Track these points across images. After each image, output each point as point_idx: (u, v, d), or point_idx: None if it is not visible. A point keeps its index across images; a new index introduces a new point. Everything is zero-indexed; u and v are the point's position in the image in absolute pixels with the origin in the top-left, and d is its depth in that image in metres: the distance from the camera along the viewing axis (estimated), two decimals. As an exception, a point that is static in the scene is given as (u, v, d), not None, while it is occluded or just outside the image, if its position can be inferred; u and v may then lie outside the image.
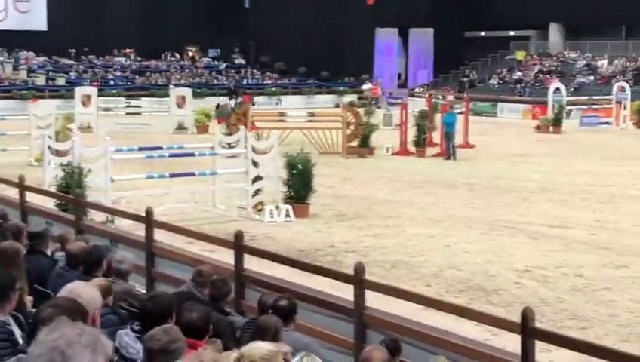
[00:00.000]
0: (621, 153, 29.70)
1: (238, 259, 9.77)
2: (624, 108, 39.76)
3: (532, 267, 13.65)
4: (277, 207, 17.34)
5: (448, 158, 27.62)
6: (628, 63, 48.75)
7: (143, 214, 11.23)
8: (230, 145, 19.78)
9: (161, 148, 20.18)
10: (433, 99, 37.03)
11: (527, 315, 7.02)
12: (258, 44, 57.91)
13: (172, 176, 18.35)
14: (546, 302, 11.75)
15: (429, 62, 57.87)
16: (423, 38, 57.32)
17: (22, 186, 14.22)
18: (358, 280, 8.38)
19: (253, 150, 17.95)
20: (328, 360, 6.35)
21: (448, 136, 28.13)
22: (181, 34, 54.96)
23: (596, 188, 21.86)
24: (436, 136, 29.97)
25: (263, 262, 10.20)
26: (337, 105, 43.81)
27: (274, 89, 52.81)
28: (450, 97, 42.27)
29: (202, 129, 34.96)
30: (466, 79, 54.63)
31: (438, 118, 30.27)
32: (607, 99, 41.25)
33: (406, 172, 24.75)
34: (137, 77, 53.17)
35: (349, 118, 29.11)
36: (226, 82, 53.30)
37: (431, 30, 56.54)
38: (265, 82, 54.91)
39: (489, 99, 48.66)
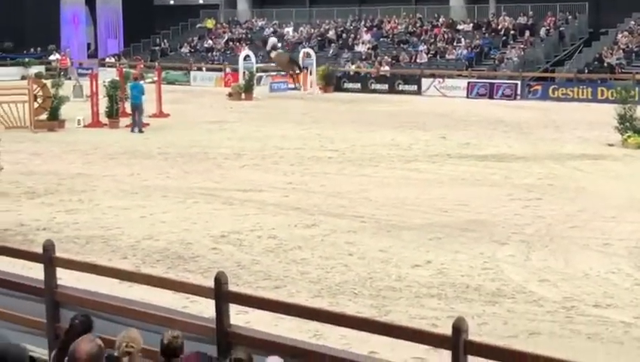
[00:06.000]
0: (309, 117, 30.98)
1: None
2: (310, 74, 41.43)
3: (228, 232, 13.91)
4: (-40, 188, 16.35)
5: (134, 131, 26.85)
6: (312, 30, 50.78)
7: None
8: None
9: None
10: (124, 69, 36.40)
11: (219, 280, 7.15)
12: None
13: None
14: (242, 265, 12.04)
15: (119, 32, 56.84)
16: (111, 6, 56.13)
17: None
18: (47, 258, 8.11)
19: None
20: (14, 342, 6.06)
21: (134, 107, 27.30)
22: None
23: (287, 151, 22.66)
24: (129, 107, 29.55)
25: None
26: (24, 77, 41.80)
27: (-49, 62, 49.44)
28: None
29: None
30: (157, 48, 54.29)
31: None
32: (295, 65, 42.73)
33: (99, 144, 24.21)
34: None
35: (35, 90, 27.90)
36: None
37: (119, -2, 55.60)
38: (-58, 55, 51.24)
39: (182, 68, 48.78)
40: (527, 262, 12.17)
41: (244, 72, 39.52)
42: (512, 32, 43.79)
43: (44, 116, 27.86)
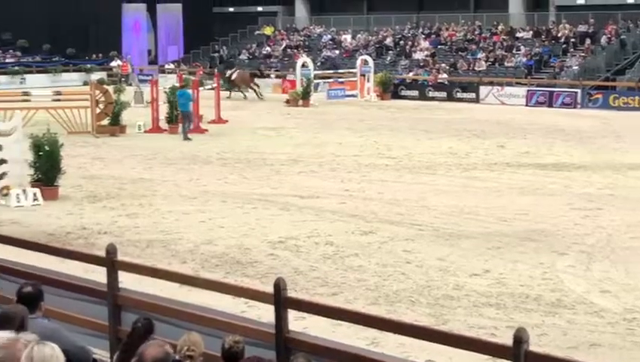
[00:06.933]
0: (366, 124, 30.96)
1: (-18, 247, 9.32)
2: (368, 81, 41.41)
3: (285, 238, 13.98)
4: (24, 191, 16.66)
5: (186, 139, 26.49)
6: (370, 37, 50.77)
7: None
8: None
9: None
10: (184, 75, 36.83)
11: (279, 285, 7.20)
12: (-3, 20, 54.94)
13: None
14: (299, 271, 12.08)
15: (179, 38, 57.46)
16: (171, 13, 56.78)
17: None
18: (109, 261, 8.23)
19: (-5, 132, 17.10)
20: (79, 345, 6.18)
21: (182, 115, 27.22)
22: None
23: (344, 158, 22.68)
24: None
25: (12, 249, 9.76)
26: (86, 83, 42.53)
27: (17, 68, 50.34)
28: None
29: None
30: (216, 54, 54.76)
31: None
32: (352, 72, 42.80)
33: (159, 149, 24.51)
34: None
35: (97, 96, 28.36)
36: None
37: (179, 5, 56.17)
38: (6, 61, 52.21)
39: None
40: (588, 272, 12.02)
41: (301, 79, 39.66)
42: (572, 39, 43.28)
43: (105, 121, 28.28)
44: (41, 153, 17.17)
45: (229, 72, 42.14)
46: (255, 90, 41.10)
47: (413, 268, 12.25)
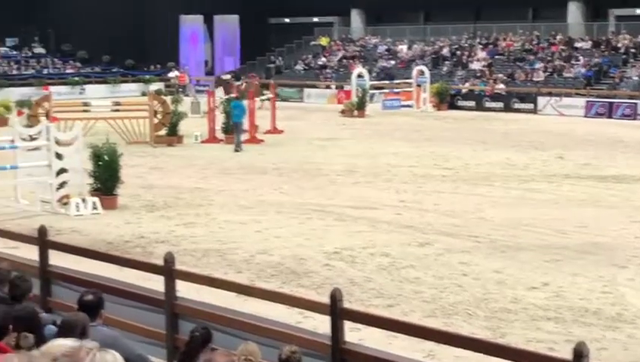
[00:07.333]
0: (422, 135, 30.84)
1: (43, 255, 9.47)
2: (424, 91, 41.25)
3: (340, 248, 13.96)
4: (83, 200, 16.90)
5: (237, 150, 26.52)
6: (426, 48, 50.60)
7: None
8: (32, 138, 19.01)
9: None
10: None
11: (335, 296, 7.19)
12: (58, 31, 55.92)
13: (-31, 171, 17.48)
14: (355, 282, 12.05)
15: (236, 49, 57.87)
16: (228, 24, 57.22)
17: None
18: (167, 270, 8.30)
19: (57, 142, 17.38)
20: (137, 353, 6.24)
21: (235, 126, 27.40)
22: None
23: (399, 169, 22.61)
24: (246, 123, 30.01)
25: (71, 257, 9.91)
26: (144, 94, 43.06)
27: (77, 78, 51.20)
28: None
29: (1, 121, 33.45)
30: (272, 65, 55.05)
31: (245, 104, 30.33)
32: (408, 83, 42.69)
33: (215, 159, 24.70)
34: None
35: (155, 106, 28.69)
36: (25, 72, 51.28)
37: (236, 17, 56.58)
38: (67, 71, 53.13)
39: (295, 85, 49.29)
40: (649, 286, 11.79)
41: (357, 89, 39.66)
42: (632, 50, 42.64)
43: (163, 131, 28.58)
44: (100, 163, 17.41)
45: (237, 83, 42.54)
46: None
47: (469, 280, 12.14)
